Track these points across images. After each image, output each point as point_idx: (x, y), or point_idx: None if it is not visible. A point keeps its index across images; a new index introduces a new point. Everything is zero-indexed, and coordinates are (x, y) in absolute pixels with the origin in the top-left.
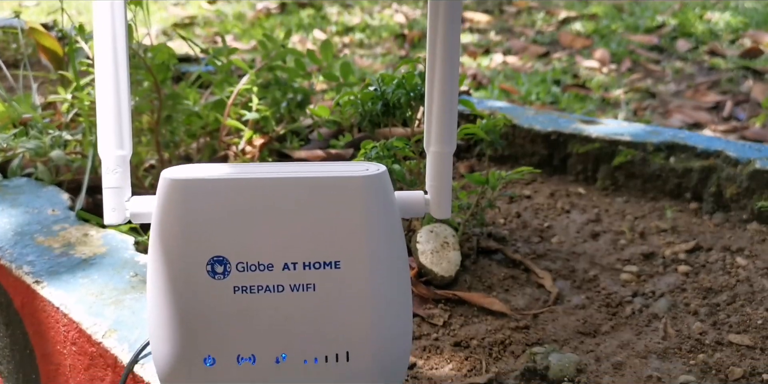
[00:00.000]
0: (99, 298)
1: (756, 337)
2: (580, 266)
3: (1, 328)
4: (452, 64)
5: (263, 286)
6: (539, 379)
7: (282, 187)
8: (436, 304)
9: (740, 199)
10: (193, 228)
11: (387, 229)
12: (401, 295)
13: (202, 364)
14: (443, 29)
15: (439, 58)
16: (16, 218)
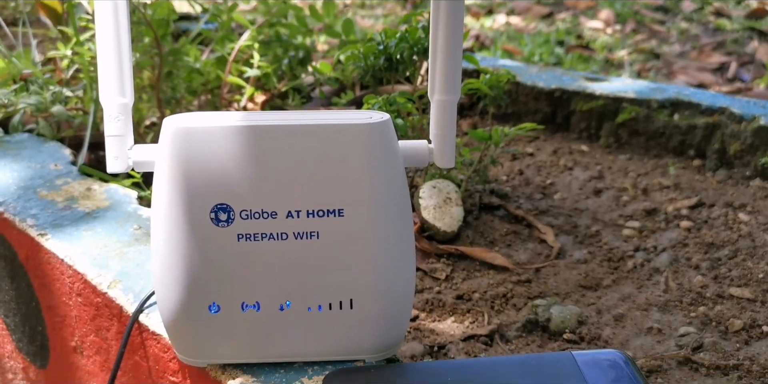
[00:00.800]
0: (103, 251)
1: (756, 291)
2: (582, 222)
3: (6, 281)
4: (457, 12)
5: (267, 233)
6: (541, 331)
7: (286, 134)
8: (439, 259)
9: (744, 156)
10: (196, 176)
11: (390, 177)
12: (404, 244)
13: (207, 311)
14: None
15: (444, 7)
16: (18, 173)
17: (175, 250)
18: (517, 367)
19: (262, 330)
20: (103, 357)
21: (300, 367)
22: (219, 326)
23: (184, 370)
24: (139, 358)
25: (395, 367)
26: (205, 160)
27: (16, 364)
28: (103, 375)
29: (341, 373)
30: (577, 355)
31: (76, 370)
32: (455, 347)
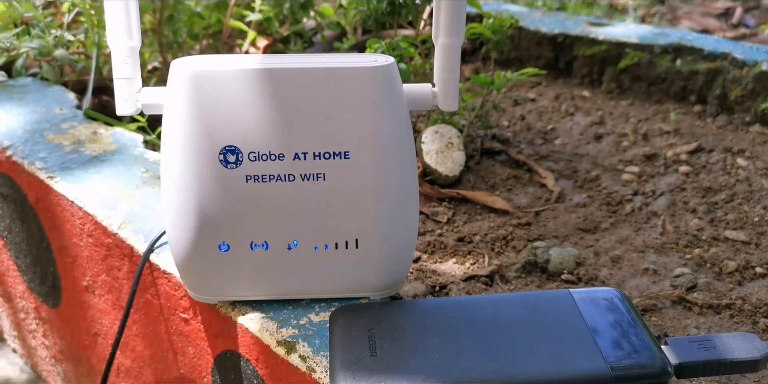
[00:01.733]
0: (112, 193)
1: (751, 233)
2: (582, 167)
3: (17, 223)
4: None
5: (274, 175)
6: (539, 272)
7: (292, 77)
8: (441, 203)
9: (744, 102)
10: (204, 118)
11: (395, 120)
12: (408, 185)
13: (217, 250)
14: None
15: None
16: (24, 117)
17: (185, 192)
18: (516, 303)
19: (271, 268)
20: (114, 296)
21: (307, 303)
22: (228, 264)
23: (195, 307)
24: (151, 296)
25: (399, 304)
26: (213, 103)
27: (28, 304)
28: (114, 313)
29: (347, 309)
30: (575, 293)
31: (88, 308)
32: (456, 287)
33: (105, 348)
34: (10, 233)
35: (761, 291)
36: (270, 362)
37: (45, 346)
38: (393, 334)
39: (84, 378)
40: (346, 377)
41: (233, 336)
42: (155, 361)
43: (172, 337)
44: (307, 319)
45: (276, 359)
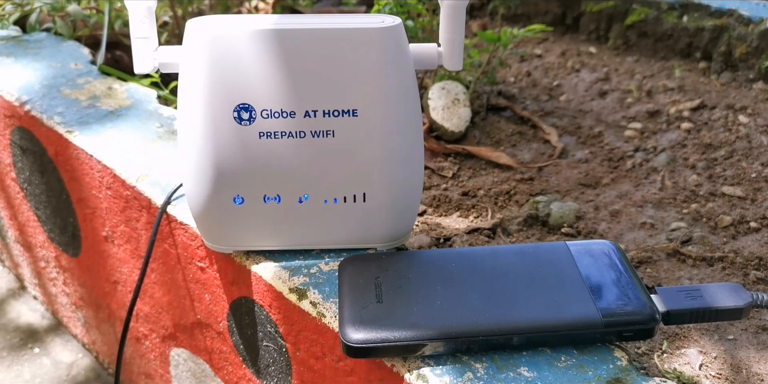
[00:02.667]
0: (129, 147)
1: (748, 189)
2: (585, 123)
3: (36, 175)
4: None
5: (286, 132)
6: (540, 225)
7: (304, 38)
8: (446, 158)
9: (749, 59)
10: (219, 77)
11: (402, 79)
12: (414, 142)
13: (232, 203)
14: None
15: None
16: (40, 72)
17: (201, 148)
18: (515, 254)
19: (283, 220)
20: (133, 245)
21: (317, 254)
22: (243, 216)
23: (211, 256)
24: (168, 246)
25: (404, 254)
26: (227, 63)
27: (48, 253)
28: (133, 261)
29: (355, 259)
30: (571, 245)
31: (107, 257)
32: (460, 239)
33: (124, 295)
34: (30, 185)
35: (754, 245)
36: (282, 308)
37: (65, 293)
38: (398, 283)
39: (104, 323)
40: (354, 322)
41: (248, 283)
42: (173, 307)
43: (189, 284)
44: (317, 269)
45: (288, 305)
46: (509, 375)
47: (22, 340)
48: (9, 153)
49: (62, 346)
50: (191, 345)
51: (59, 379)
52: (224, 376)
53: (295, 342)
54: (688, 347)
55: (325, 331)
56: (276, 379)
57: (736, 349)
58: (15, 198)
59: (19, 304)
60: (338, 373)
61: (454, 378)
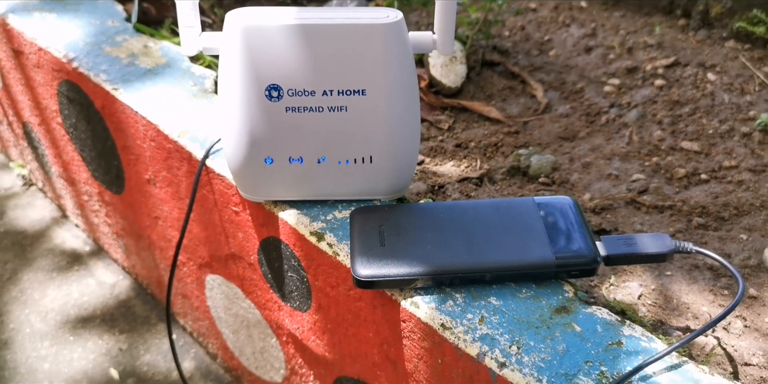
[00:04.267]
0: (169, 104)
1: (704, 144)
2: (570, 79)
3: (82, 122)
4: None
5: (308, 107)
6: (521, 175)
7: (322, 31)
8: (443, 112)
9: (723, 18)
10: (253, 62)
11: (402, 63)
12: (411, 114)
13: (263, 163)
14: None
15: None
16: (82, 29)
17: (238, 119)
18: (492, 208)
19: (305, 177)
20: (174, 189)
21: (332, 204)
22: (272, 174)
23: (244, 203)
24: (206, 192)
25: (402, 206)
26: (260, 50)
27: (92, 188)
28: (173, 202)
29: (363, 210)
30: (537, 200)
31: (149, 197)
32: (452, 187)
33: (164, 229)
34: (76, 130)
35: (701, 195)
36: (304, 247)
37: (107, 223)
38: (397, 230)
39: (143, 251)
40: (362, 261)
41: (275, 226)
42: (209, 241)
43: (224, 224)
44: (332, 216)
45: (309, 245)
46: (481, 303)
47: (68, 263)
48: (56, 101)
49: (104, 269)
50: (225, 272)
51: (104, 297)
52: (254, 299)
53: (315, 274)
54: (632, 281)
55: (338, 266)
56: (298, 302)
57: (671, 283)
58: (60, 139)
59: (62, 231)
60: (349, 299)
61: (438, 304)
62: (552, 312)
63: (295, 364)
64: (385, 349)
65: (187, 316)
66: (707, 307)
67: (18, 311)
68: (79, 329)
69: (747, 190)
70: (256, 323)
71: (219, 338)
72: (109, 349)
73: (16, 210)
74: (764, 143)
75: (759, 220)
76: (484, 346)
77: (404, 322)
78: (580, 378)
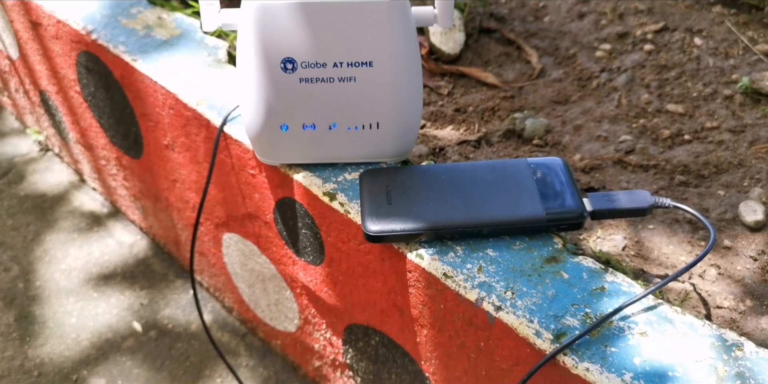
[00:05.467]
0: (186, 74)
1: (688, 107)
2: (563, 45)
3: (101, 91)
4: None
5: (320, 78)
6: (516, 138)
7: (332, 8)
8: (443, 77)
9: None
10: (269, 37)
11: (406, 37)
12: (415, 83)
13: (279, 129)
14: None
15: None
16: (98, 1)
17: (257, 89)
18: (489, 168)
19: (317, 142)
20: (192, 154)
21: (342, 166)
22: (288, 139)
23: (260, 166)
24: (224, 156)
25: (407, 168)
26: (275, 27)
27: (110, 153)
28: (192, 166)
29: (371, 172)
30: (530, 161)
31: (167, 161)
32: (451, 149)
33: (182, 191)
34: (94, 98)
35: (683, 154)
36: (317, 206)
37: (125, 187)
38: (403, 190)
39: (161, 212)
40: (371, 218)
41: (290, 187)
42: (227, 202)
43: (241, 186)
44: (343, 177)
45: (322, 205)
46: (479, 254)
47: (88, 225)
48: (74, 71)
49: (122, 230)
50: (241, 231)
51: (124, 256)
52: (270, 255)
53: (327, 230)
54: (617, 234)
55: (349, 223)
56: (312, 257)
57: (653, 235)
58: (78, 107)
59: (80, 194)
60: (359, 253)
61: (441, 256)
62: (543, 261)
63: (308, 314)
64: (392, 298)
65: (203, 272)
66: (685, 257)
67: (43, 270)
68: (101, 286)
69: (726, 149)
70: (271, 277)
71: (235, 292)
72: (131, 304)
73: (34, 175)
74: (745, 105)
75: (736, 178)
76: (482, 293)
77: (410, 273)
78: (566, 319)
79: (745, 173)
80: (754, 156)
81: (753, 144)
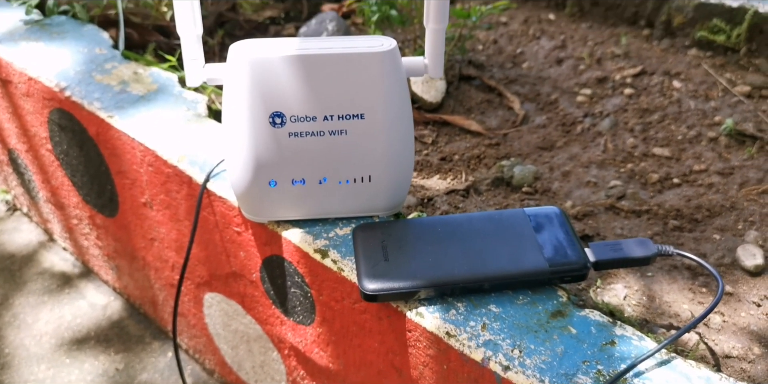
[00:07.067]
0: (165, 130)
1: (674, 150)
2: (544, 90)
3: (74, 149)
4: None
5: (310, 132)
6: (505, 186)
7: (321, 61)
8: (426, 126)
9: (685, 28)
10: (257, 92)
11: (397, 88)
12: (406, 135)
13: (268, 185)
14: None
15: None
16: (71, 57)
17: (244, 145)
18: (485, 220)
19: (307, 198)
20: (172, 211)
21: (333, 221)
22: (276, 196)
23: (247, 223)
24: (207, 213)
25: (402, 222)
26: (264, 80)
27: (82, 212)
28: (171, 224)
29: (365, 226)
30: (527, 211)
31: (145, 219)
32: (440, 199)
33: (161, 250)
34: (67, 156)
35: (674, 198)
36: (309, 264)
37: (98, 246)
38: (399, 244)
39: (137, 272)
40: (369, 276)
41: (278, 245)
42: (209, 260)
43: (225, 244)
44: (334, 233)
45: (313, 262)
46: (482, 311)
47: (59, 287)
48: (45, 128)
49: (95, 291)
50: (225, 290)
51: (97, 318)
52: (255, 315)
53: (319, 289)
54: (617, 283)
55: (343, 281)
56: (302, 317)
57: (653, 283)
58: (49, 165)
59: (50, 254)
60: (354, 312)
61: (442, 314)
62: (548, 316)
63: (297, 375)
64: (390, 358)
65: (183, 333)
66: (687, 304)
67: (12, 336)
68: (74, 351)
69: (717, 192)
70: (256, 338)
71: (216, 354)
72: (106, 369)
73: (2, 235)
74: (730, 147)
75: (730, 221)
76: (488, 351)
77: (410, 332)
78: (579, 377)
79: (738, 216)
80: (745, 198)
81: (743, 186)
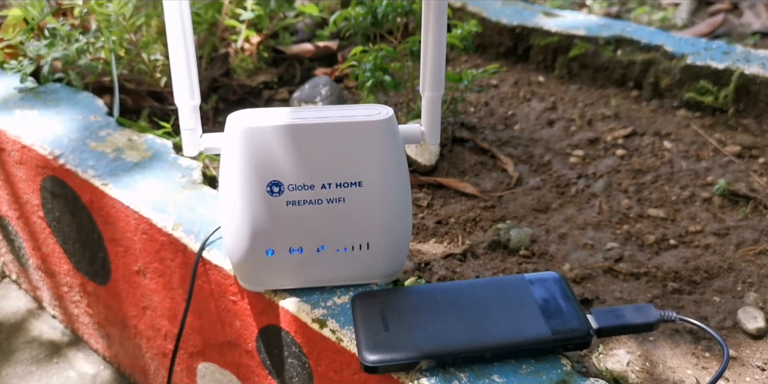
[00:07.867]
0: (159, 198)
1: (669, 210)
2: (537, 152)
3: (67, 216)
4: (441, 27)
5: (307, 200)
6: (502, 249)
7: (317, 130)
8: (421, 189)
9: (673, 89)
10: (255, 161)
11: (394, 156)
12: (404, 201)
13: (265, 254)
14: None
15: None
16: (65, 125)
17: (240, 214)
18: (485, 286)
19: (305, 266)
20: (165, 279)
21: (331, 289)
22: (273, 265)
23: (243, 292)
24: (202, 282)
25: (402, 290)
26: (261, 150)
27: (73, 280)
28: (165, 292)
29: (363, 295)
30: (527, 277)
31: (137, 287)
32: (437, 264)
33: (153, 318)
34: (59, 223)
35: (672, 260)
36: (306, 334)
37: (89, 314)
38: (399, 313)
39: (128, 341)
40: (369, 347)
41: (275, 314)
42: (203, 329)
43: (220, 313)
44: (332, 302)
45: (312, 332)
46: (485, 381)
47: (47, 356)
48: (38, 196)
49: (84, 360)
50: (219, 360)
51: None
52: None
53: (317, 359)
54: (619, 349)
55: (342, 351)
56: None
57: (656, 348)
58: (41, 232)
59: (39, 322)
60: (354, 383)
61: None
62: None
63: None
64: None
65: None
66: (691, 370)
67: None
68: None
69: (714, 253)
70: None
71: None
72: None
73: None
74: (724, 207)
75: (729, 282)
76: None
77: None
78: None
79: (736, 277)
80: (742, 259)
81: (739, 246)
